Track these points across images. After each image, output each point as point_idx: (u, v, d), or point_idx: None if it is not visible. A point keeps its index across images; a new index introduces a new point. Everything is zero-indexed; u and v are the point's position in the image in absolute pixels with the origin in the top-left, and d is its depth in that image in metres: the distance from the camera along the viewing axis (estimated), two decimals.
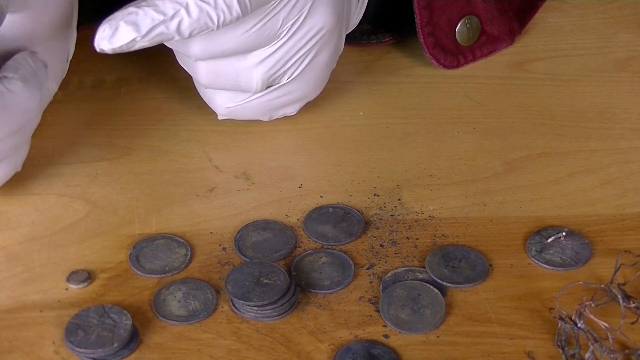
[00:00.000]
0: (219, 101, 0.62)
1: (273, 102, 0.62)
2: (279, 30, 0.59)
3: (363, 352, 0.51)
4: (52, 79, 0.59)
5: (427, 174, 0.62)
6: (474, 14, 0.71)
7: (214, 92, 0.62)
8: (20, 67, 0.56)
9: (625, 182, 0.62)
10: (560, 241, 0.57)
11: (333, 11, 0.60)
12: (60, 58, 0.60)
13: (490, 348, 0.51)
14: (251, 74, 0.60)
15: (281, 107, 0.63)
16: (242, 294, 0.53)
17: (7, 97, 0.55)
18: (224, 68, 0.60)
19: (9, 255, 0.56)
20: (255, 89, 0.61)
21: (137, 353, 0.51)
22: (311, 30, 0.60)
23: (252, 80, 0.60)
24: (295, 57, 0.60)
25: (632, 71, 0.71)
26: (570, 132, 0.66)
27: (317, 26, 0.60)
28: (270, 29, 0.58)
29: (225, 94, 0.62)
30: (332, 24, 0.60)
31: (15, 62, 0.56)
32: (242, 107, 0.62)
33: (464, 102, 0.68)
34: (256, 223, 0.58)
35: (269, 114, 0.64)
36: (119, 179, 0.61)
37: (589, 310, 0.51)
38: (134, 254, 0.56)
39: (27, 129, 0.57)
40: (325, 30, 0.60)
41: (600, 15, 0.77)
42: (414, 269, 0.56)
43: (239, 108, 0.62)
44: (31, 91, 0.56)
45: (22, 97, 0.55)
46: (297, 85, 0.62)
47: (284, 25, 0.59)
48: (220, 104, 0.62)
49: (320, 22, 0.60)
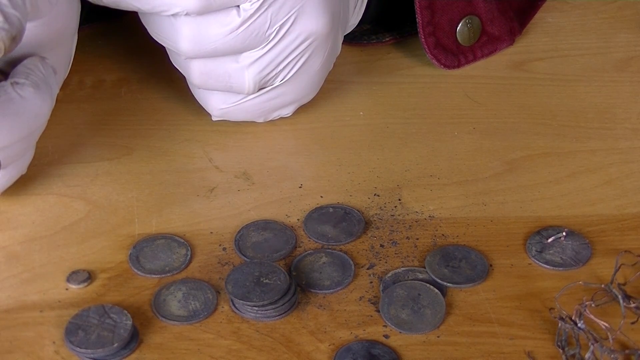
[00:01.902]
0: (212, 102, 0.63)
1: (267, 104, 0.62)
2: (268, 32, 0.59)
3: (363, 352, 0.51)
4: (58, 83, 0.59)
5: (427, 174, 0.62)
6: (475, 14, 0.71)
7: (207, 93, 0.62)
8: (32, 72, 0.56)
9: (625, 182, 0.62)
10: (560, 241, 0.57)
11: (326, 17, 0.60)
12: (65, 63, 0.60)
13: (491, 348, 0.51)
14: (243, 75, 0.60)
15: (275, 109, 0.63)
16: (243, 294, 0.53)
17: (19, 103, 0.55)
18: (216, 69, 0.60)
19: (9, 255, 0.56)
20: (247, 91, 0.61)
21: (137, 353, 0.51)
22: (302, 34, 0.60)
23: (243, 82, 0.60)
24: (287, 60, 0.60)
25: (632, 71, 0.71)
26: (570, 132, 0.66)
27: (308, 31, 0.60)
28: (258, 30, 0.58)
29: (219, 95, 0.62)
30: (326, 30, 0.60)
31: (25, 67, 0.56)
32: (235, 108, 0.62)
33: (464, 102, 0.68)
34: (256, 223, 0.58)
35: (264, 115, 0.64)
36: (119, 179, 0.61)
37: (589, 310, 0.51)
38: (134, 254, 0.56)
39: (35, 134, 0.57)
40: (317, 36, 0.60)
41: (601, 15, 0.77)
42: (414, 269, 0.56)
43: (233, 109, 0.62)
44: (43, 97, 0.56)
45: (33, 103, 0.55)
46: (291, 87, 0.62)
47: (272, 26, 0.59)
48: (214, 105, 0.63)
49: (312, 27, 0.60)
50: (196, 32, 0.58)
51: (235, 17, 0.58)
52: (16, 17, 0.52)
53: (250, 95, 0.62)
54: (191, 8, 0.57)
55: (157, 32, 0.60)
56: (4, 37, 0.51)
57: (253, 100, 0.62)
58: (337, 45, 0.64)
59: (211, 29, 0.58)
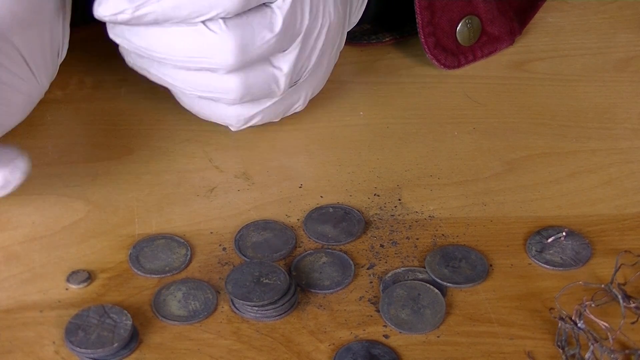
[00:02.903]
0: (235, 113, 0.61)
1: (287, 102, 0.62)
2: (299, 27, 0.58)
3: (363, 352, 0.51)
4: (42, 73, 0.57)
5: (427, 174, 0.62)
6: (474, 14, 0.71)
7: (225, 106, 0.60)
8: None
9: (626, 182, 0.62)
10: (560, 241, 0.57)
11: (338, 5, 0.60)
12: (45, 51, 0.57)
13: (491, 348, 0.51)
14: (281, 77, 0.59)
15: (292, 105, 0.63)
16: (243, 294, 0.53)
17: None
18: (257, 76, 0.58)
19: (9, 255, 0.56)
20: (282, 92, 0.60)
21: (137, 353, 0.51)
22: (323, 25, 0.59)
23: (281, 84, 0.59)
24: (312, 54, 0.60)
25: (632, 71, 0.71)
26: (570, 132, 0.66)
27: (327, 21, 0.60)
28: (293, 26, 0.58)
29: (243, 104, 0.60)
30: (338, 19, 0.60)
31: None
32: (259, 113, 0.61)
33: (464, 102, 0.68)
34: (256, 223, 0.58)
35: (282, 114, 0.63)
36: (119, 179, 0.61)
37: (589, 310, 0.51)
38: (134, 254, 0.56)
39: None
40: (332, 25, 0.60)
41: (601, 15, 0.77)
42: (414, 269, 0.56)
43: (256, 115, 0.61)
44: None
45: None
46: (308, 81, 0.62)
47: (303, 21, 0.58)
48: (236, 115, 0.61)
49: (327, 17, 0.60)
50: (242, 39, 0.56)
51: (275, 16, 0.57)
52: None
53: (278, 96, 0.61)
54: (230, 7, 0.55)
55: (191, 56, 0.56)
56: None
57: (277, 101, 0.61)
58: (343, 37, 0.64)
59: (256, 33, 0.56)
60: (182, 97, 0.62)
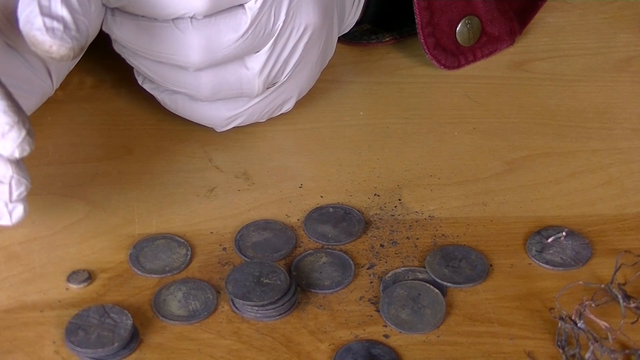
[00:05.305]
0: (217, 114, 0.62)
1: (271, 103, 0.62)
2: (273, 29, 0.58)
3: (363, 352, 0.51)
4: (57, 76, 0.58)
5: (428, 174, 0.62)
6: (474, 15, 0.71)
7: (209, 107, 0.61)
8: None
9: (626, 182, 0.62)
10: (560, 241, 0.57)
11: (319, 11, 0.60)
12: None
13: (491, 348, 0.51)
14: (253, 78, 0.60)
15: (278, 106, 0.63)
16: (243, 294, 0.53)
17: None
18: (226, 76, 0.59)
19: (9, 255, 0.56)
20: (257, 93, 0.61)
21: (137, 353, 0.51)
22: (300, 27, 0.59)
23: (254, 85, 0.60)
24: (290, 56, 0.60)
25: (632, 71, 0.71)
26: (570, 132, 0.66)
27: (306, 23, 0.60)
28: (264, 28, 0.58)
29: (223, 105, 0.61)
30: (320, 21, 0.60)
31: None
32: (242, 114, 0.62)
33: (464, 102, 0.68)
34: (256, 223, 0.58)
35: (268, 115, 0.63)
36: (119, 179, 0.61)
37: (589, 310, 0.51)
38: (134, 254, 0.56)
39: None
40: (314, 27, 0.60)
41: (601, 15, 0.77)
42: (414, 269, 0.56)
43: (239, 116, 0.62)
44: None
45: None
46: (292, 83, 0.62)
47: (276, 23, 0.58)
48: (219, 116, 0.62)
49: (309, 19, 0.60)
50: (207, 39, 0.57)
51: (244, 18, 0.57)
52: (85, 25, 0.51)
53: (258, 97, 0.61)
54: (199, 9, 0.56)
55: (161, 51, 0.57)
56: (75, 46, 0.50)
57: (259, 102, 0.62)
58: (332, 40, 0.64)
59: (222, 34, 0.57)
60: (165, 99, 0.62)
